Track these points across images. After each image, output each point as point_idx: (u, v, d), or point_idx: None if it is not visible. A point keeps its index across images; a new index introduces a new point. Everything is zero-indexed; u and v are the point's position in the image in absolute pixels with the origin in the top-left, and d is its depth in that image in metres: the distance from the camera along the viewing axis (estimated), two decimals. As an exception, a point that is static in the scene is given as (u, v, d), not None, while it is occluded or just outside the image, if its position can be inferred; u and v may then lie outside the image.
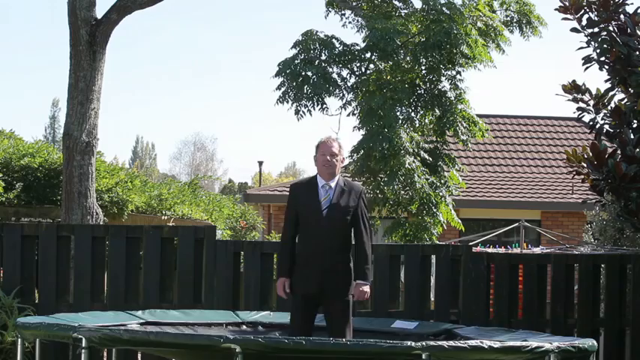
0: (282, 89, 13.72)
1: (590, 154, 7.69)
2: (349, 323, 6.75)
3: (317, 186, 6.77)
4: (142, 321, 7.19)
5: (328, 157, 6.74)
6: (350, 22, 14.60)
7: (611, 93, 8.13)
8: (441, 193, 13.63)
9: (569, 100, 8.25)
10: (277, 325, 7.56)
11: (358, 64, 14.04)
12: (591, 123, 8.27)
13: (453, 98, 13.82)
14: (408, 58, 13.81)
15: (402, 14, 14.35)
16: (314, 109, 13.73)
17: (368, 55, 13.92)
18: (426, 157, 13.84)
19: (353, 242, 6.88)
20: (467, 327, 7.63)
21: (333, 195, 6.73)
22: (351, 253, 6.83)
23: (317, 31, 13.95)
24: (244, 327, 7.51)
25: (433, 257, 8.75)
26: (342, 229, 6.74)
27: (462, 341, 5.40)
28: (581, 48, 8.14)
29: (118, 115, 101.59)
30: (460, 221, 14.29)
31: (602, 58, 7.99)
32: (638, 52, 7.90)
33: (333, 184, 6.76)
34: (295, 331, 6.65)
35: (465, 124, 13.87)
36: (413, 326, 7.55)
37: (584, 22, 8.09)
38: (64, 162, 9.97)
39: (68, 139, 9.85)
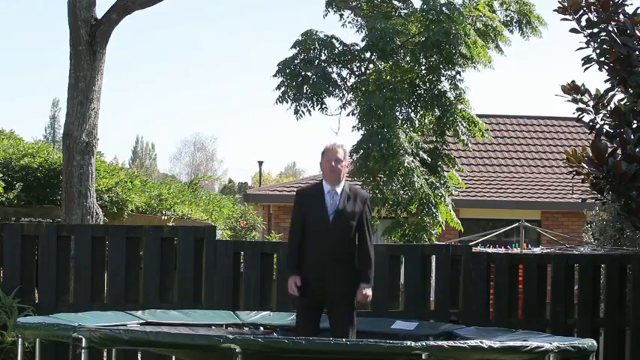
0: (282, 89, 13.72)
1: (591, 153, 7.70)
2: (353, 326, 6.82)
3: (323, 192, 6.87)
4: (141, 321, 7.19)
5: (333, 163, 6.83)
6: (349, 22, 14.60)
7: (610, 93, 8.13)
8: (440, 194, 13.62)
9: (568, 100, 8.25)
10: (278, 327, 7.56)
11: (358, 64, 14.04)
12: (591, 123, 8.27)
13: (452, 98, 13.82)
14: (407, 58, 13.81)
15: (402, 14, 14.35)
16: (313, 108, 13.74)
17: (367, 55, 13.92)
18: (426, 157, 13.84)
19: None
20: (467, 327, 7.63)
21: (339, 201, 6.83)
22: (354, 257, 6.90)
23: (317, 31, 13.95)
24: (245, 329, 7.50)
25: (433, 257, 8.76)
26: (347, 233, 6.85)
27: (462, 341, 5.40)
28: (581, 48, 8.15)
29: (118, 115, 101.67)
30: (459, 221, 14.29)
31: (602, 59, 7.99)
32: (637, 53, 7.90)
33: (339, 190, 6.86)
34: (300, 334, 6.67)
35: (464, 124, 13.87)
36: (413, 327, 7.54)
37: (583, 23, 8.09)
38: (64, 162, 9.97)
39: (68, 139, 9.85)
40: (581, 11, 8.08)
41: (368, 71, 14.06)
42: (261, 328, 7.55)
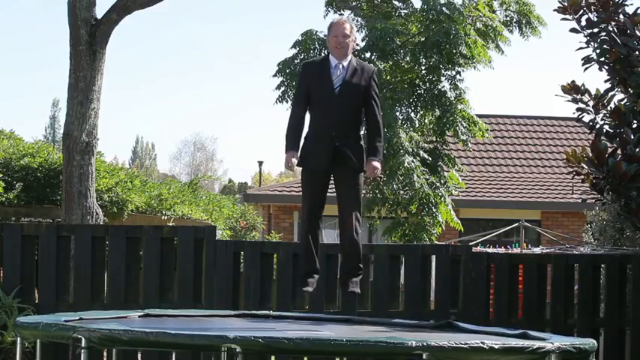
0: (282, 89, 13.74)
1: (591, 153, 7.69)
2: (359, 195, 6.77)
3: (329, 65, 6.76)
4: (141, 313, 7.18)
5: (340, 39, 6.73)
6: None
7: (610, 93, 8.13)
8: (440, 193, 13.63)
9: (568, 100, 8.25)
10: (287, 317, 7.54)
11: (358, 64, 14.03)
12: (591, 123, 8.27)
13: (452, 98, 13.83)
14: (407, 58, 13.83)
15: (402, 14, 14.36)
16: (314, 108, 13.72)
17: (367, 54, 13.93)
18: (426, 156, 13.84)
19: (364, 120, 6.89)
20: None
21: (345, 74, 6.74)
22: (360, 131, 6.82)
23: (317, 31, 13.96)
24: (253, 318, 7.47)
25: (433, 257, 8.76)
26: (354, 106, 6.75)
27: (461, 341, 5.40)
28: (581, 48, 8.15)
29: (118, 115, 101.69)
30: (459, 221, 14.30)
31: (602, 59, 8.00)
32: (637, 53, 7.90)
33: (345, 64, 6.75)
34: (307, 205, 6.71)
35: (464, 124, 13.88)
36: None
37: (583, 23, 8.09)
38: (64, 162, 9.96)
39: (68, 139, 9.85)
40: (581, 11, 8.08)
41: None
42: (271, 318, 7.53)
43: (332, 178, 6.79)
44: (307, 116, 6.84)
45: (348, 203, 6.68)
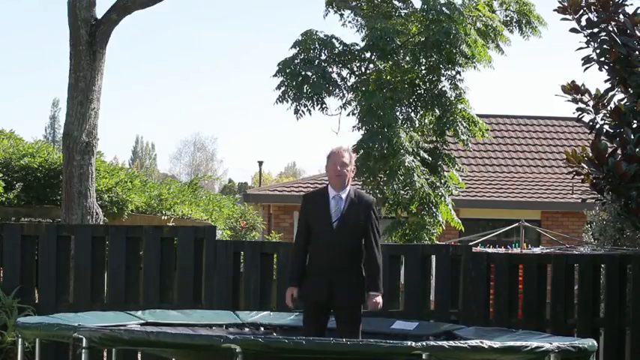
0: (282, 89, 13.72)
1: (591, 153, 7.70)
2: (359, 331, 6.81)
3: (328, 197, 6.80)
4: (142, 321, 7.19)
5: (339, 168, 6.76)
6: (350, 22, 14.60)
7: (610, 93, 8.12)
8: (440, 193, 13.63)
9: (568, 100, 8.25)
10: (278, 327, 7.56)
11: (358, 64, 14.04)
12: (591, 123, 8.27)
13: (452, 98, 13.82)
14: (407, 58, 13.81)
15: (402, 14, 14.35)
16: (314, 108, 13.74)
17: (368, 54, 13.92)
18: (426, 156, 13.84)
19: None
20: (467, 327, 7.63)
21: (343, 207, 6.77)
22: (361, 263, 6.85)
23: (317, 31, 13.94)
24: (245, 329, 7.50)
25: (433, 257, 8.76)
26: (352, 240, 6.79)
27: (462, 341, 5.40)
28: (581, 48, 8.14)
29: (118, 115, 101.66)
30: (460, 221, 14.29)
31: (602, 59, 7.99)
32: (637, 53, 7.90)
33: (344, 196, 6.79)
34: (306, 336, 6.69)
35: (464, 124, 13.87)
36: (413, 327, 7.55)
37: (583, 23, 8.08)
38: (64, 162, 9.97)
39: (68, 139, 9.85)
40: (581, 11, 8.07)
41: (368, 71, 14.05)
42: (262, 329, 7.55)
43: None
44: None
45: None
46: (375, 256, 6.79)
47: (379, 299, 6.78)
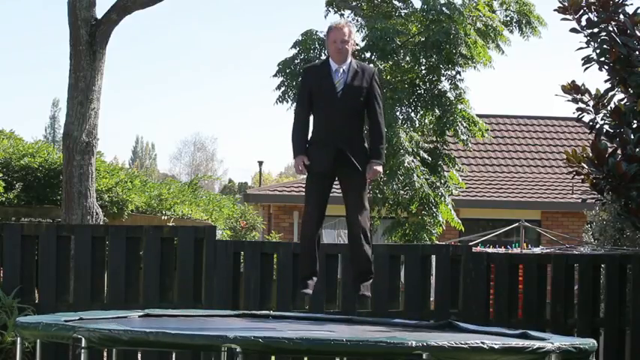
0: (282, 89, 13.74)
1: (591, 153, 7.70)
2: (366, 196, 6.78)
3: (330, 70, 6.77)
4: (141, 313, 7.18)
5: (339, 44, 6.74)
6: (350, 22, 14.61)
7: (610, 93, 8.13)
8: (440, 193, 13.63)
9: (568, 100, 8.25)
10: (287, 317, 7.54)
11: (358, 64, 14.03)
12: (591, 123, 8.27)
13: (452, 98, 13.84)
14: (407, 58, 13.83)
15: (402, 14, 14.36)
16: (314, 108, 13.72)
17: (368, 54, 13.93)
18: (426, 156, 13.85)
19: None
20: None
21: (347, 77, 6.74)
22: (363, 133, 6.84)
23: (317, 31, 13.96)
24: (254, 318, 7.47)
25: (433, 257, 8.76)
26: (356, 109, 6.76)
27: (461, 341, 5.40)
28: (581, 48, 8.15)
29: (118, 115, 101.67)
30: (460, 221, 14.31)
31: (602, 59, 8.00)
32: (637, 52, 7.90)
33: (345, 67, 6.77)
34: (309, 207, 6.74)
35: (464, 124, 13.89)
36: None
37: (583, 23, 8.09)
38: (64, 162, 9.97)
39: (68, 139, 9.85)
40: (581, 11, 8.08)
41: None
42: (270, 317, 7.53)
43: (337, 181, 6.80)
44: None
45: (355, 205, 6.70)
46: (379, 124, 6.77)
47: (379, 168, 6.74)
